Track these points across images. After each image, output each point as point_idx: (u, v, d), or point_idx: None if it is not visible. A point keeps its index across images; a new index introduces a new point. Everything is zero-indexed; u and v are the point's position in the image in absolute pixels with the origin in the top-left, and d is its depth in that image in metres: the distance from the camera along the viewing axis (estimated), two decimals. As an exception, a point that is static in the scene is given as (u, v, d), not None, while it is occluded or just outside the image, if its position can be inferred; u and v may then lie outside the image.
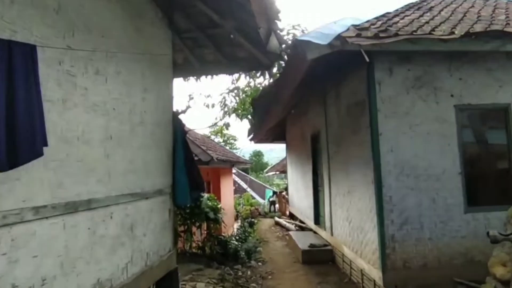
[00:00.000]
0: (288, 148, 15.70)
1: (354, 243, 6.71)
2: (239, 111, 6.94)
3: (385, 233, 5.48)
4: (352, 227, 6.83)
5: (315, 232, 10.18)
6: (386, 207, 5.49)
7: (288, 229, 13.34)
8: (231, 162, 13.60)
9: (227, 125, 9.15)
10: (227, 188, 18.76)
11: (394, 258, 5.48)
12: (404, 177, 5.54)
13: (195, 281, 5.81)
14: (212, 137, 36.34)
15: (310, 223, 10.81)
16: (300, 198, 12.70)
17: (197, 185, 5.22)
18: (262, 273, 7.79)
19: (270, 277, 7.52)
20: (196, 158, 9.46)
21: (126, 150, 3.60)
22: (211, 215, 7.81)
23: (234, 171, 41.48)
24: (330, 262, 8.15)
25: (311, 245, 8.52)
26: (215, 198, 8.54)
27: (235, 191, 35.17)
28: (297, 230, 12.30)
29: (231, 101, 7.57)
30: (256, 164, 59.89)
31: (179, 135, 5.07)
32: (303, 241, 9.17)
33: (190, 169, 5.06)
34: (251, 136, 13.28)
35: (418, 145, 5.54)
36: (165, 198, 4.71)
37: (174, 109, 5.26)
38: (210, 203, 8.03)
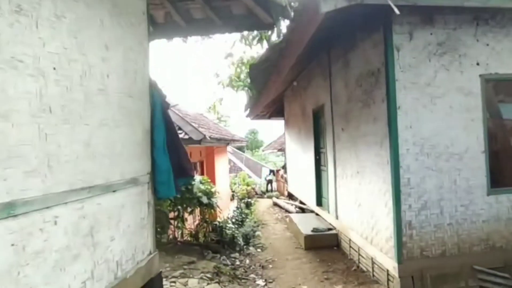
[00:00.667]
0: (286, 125, 15.03)
1: (364, 229, 6.14)
2: (235, 82, 6.16)
3: (402, 220, 4.89)
4: (361, 211, 6.24)
5: (317, 214, 9.64)
6: (403, 191, 4.89)
7: (287, 211, 12.83)
8: (225, 140, 12.94)
9: (220, 100, 8.39)
10: (222, 168, 18.16)
11: (411, 247, 4.91)
12: (424, 157, 4.91)
13: (187, 277, 5.21)
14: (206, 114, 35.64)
15: (312, 204, 10.26)
16: (300, 178, 12.12)
17: (183, 170, 4.32)
18: (261, 262, 7.24)
19: (270, 265, 6.97)
20: (187, 137, 8.80)
21: (78, 127, 2.68)
22: (204, 199, 7.19)
23: (229, 149, 41.09)
24: (335, 247, 7.61)
25: (314, 229, 7.96)
26: (209, 181, 7.89)
27: (231, 170, 34.73)
28: (297, 211, 11.77)
29: (226, 70, 6.80)
30: (252, 142, 59.39)
31: (158, 108, 4.12)
32: (305, 224, 8.61)
33: (174, 151, 4.15)
34: (248, 111, 12.55)
35: (440, 121, 4.89)
36: (142, 189, 3.81)
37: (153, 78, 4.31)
38: (203, 187, 7.40)
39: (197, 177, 7.66)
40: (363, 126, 6.00)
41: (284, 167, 17.62)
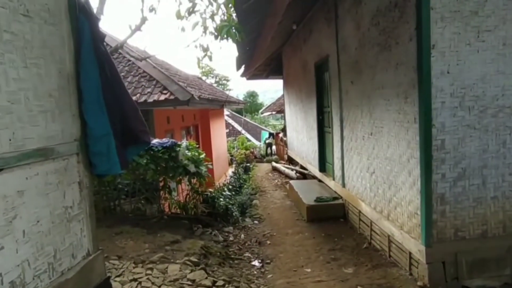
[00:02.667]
0: (285, 84, 13.78)
1: (378, 201, 5.12)
2: (220, 25, 4.90)
3: (433, 192, 3.84)
4: (375, 180, 5.20)
5: (320, 181, 8.63)
6: (435, 156, 3.81)
7: (287, 176, 11.85)
8: (219, 101, 11.75)
9: (209, 56, 7.10)
10: (218, 131, 17.09)
11: (442, 226, 3.90)
12: (464, 112, 3.79)
13: (167, 262, 4.23)
14: (204, 78, 33.96)
15: (314, 170, 9.23)
16: (301, 141, 11.04)
17: (133, 136, 3.07)
18: (258, 236, 6.29)
19: (268, 241, 6.02)
20: (172, 97, 7.66)
21: None
22: (192, 168, 6.12)
23: (227, 113, 40.01)
24: (342, 219, 6.64)
25: (318, 199, 6.96)
26: (197, 146, 6.79)
27: (229, 134, 33.90)
28: (298, 177, 10.77)
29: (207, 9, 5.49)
30: (251, 105, 58.04)
31: (87, 41, 2.84)
32: (307, 193, 7.62)
33: (117, 107, 2.90)
34: (242, 69, 11.26)
35: (488, 63, 3.71)
36: (64, 164, 2.67)
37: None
38: (189, 153, 6.31)
39: (183, 143, 6.57)
40: (380, 76, 4.84)
41: (283, 130, 16.52)
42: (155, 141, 6.28)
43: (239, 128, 36.18)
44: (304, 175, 10.64)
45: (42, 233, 2.39)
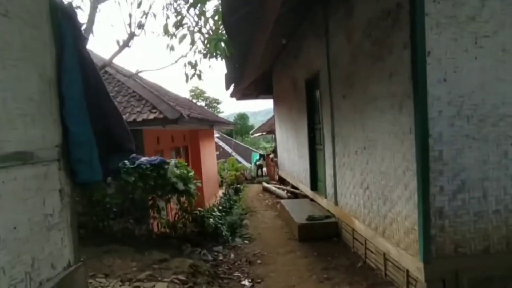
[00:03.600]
0: (276, 103, 13.69)
1: (373, 217, 4.90)
2: (208, 40, 4.78)
3: (430, 206, 3.65)
4: (369, 195, 5.00)
5: (312, 200, 8.40)
6: (433, 168, 3.64)
7: (278, 196, 11.61)
8: (209, 121, 11.55)
9: (199, 75, 6.98)
10: (208, 153, 16.85)
11: (441, 241, 3.69)
12: (463, 121, 3.65)
13: (154, 280, 3.94)
14: (195, 101, 33.90)
15: (305, 189, 9.01)
16: (292, 160, 10.85)
17: (117, 143, 2.91)
18: (249, 256, 5.99)
19: (259, 261, 5.73)
20: (161, 116, 7.46)
21: None
22: (180, 186, 5.87)
23: (217, 135, 39.85)
24: (335, 238, 6.39)
25: (310, 217, 6.72)
26: (185, 164, 6.56)
27: (220, 156, 33.57)
28: (289, 197, 10.54)
29: (193, 23, 5.37)
30: (241, 128, 58.03)
31: (69, 46, 2.73)
32: (298, 211, 7.37)
33: (100, 113, 2.76)
34: (232, 89, 11.15)
35: (487, 70, 3.60)
36: (45, 170, 2.51)
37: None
38: (178, 171, 6.07)
39: (172, 160, 6.34)
40: (373, 88, 4.71)
41: (274, 151, 16.37)
42: (143, 159, 6.05)
43: (229, 150, 35.93)
44: (295, 195, 10.41)
45: (19, 240, 2.21)
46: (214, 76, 10.08)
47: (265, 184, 13.91)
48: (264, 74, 13.13)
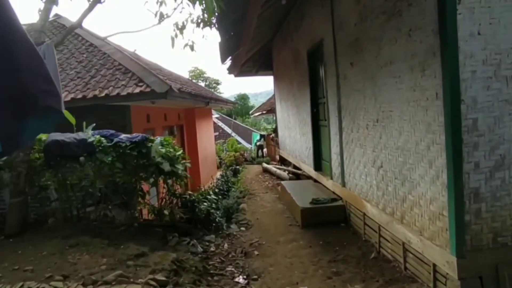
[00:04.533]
0: (276, 79, 12.93)
1: (388, 200, 4.25)
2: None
3: (464, 186, 2.98)
4: (384, 175, 4.33)
5: (315, 181, 7.76)
6: (466, 140, 2.97)
7: (279, 177, 10.97)
8: (203, 98, 10.77)
9: (191, 46, 6.25)
10: (205, 133, 16.17)
11: (478, 230, 3.04)
12: (501, 83, 2.97)
13: (124, 283, 3.30)
14: (194, 81, 32.86)
15: (308, 169, 8.36)
16: (293, 139, 10.17)
17: (32, 100, 1.90)
18: (245, 246, 5.37)
19: (256, 252, 5.10)
20: (148, 90, 6.75)
21: None
22: (166, 166, 5.19)
23: (217, 115, 39.08)
24: (342, 223, 5.77)
25: (314, 201, 6.08)
26: (172, 142, 5.86)
27: (219, 137, 33.00)
28: (290, 178, 9.90)
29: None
30: (242, 108, 57.08)
31: None
32: (301, 194, 6.74)
33: (3, 54, 1.79)
34: (229, 63, 10.37)
35: (534, 18, 2.89)
36: None
37: None
38: (163, 150, 5.39)
39: (157, 138, 5.65)
40: (387, 50, 3.99)
41: (275, 130, 15.66)
42: (122, 136, 5.36)
43: (229, 130, 35.23)
44: (297, 176, 9.77)
45: None
46: (213, 56, 9.40)
47: (265, 165, 13.27)
48: (264, 49, 12.37)
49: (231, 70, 13.17)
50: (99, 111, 7.44)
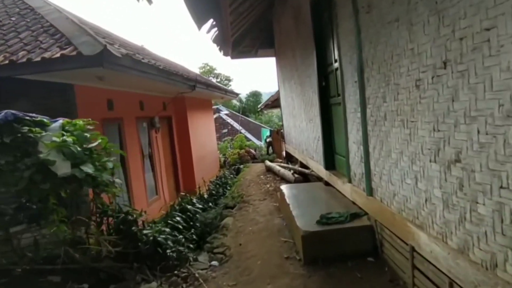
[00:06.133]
0: (278, 57, 10.54)
1: (476, 233, 1.93)
2: None
3: None
4: (464, 177, 2.01)
5: (327, 184, 5.46)
6: None
7: (283, 178, 8.69)
8: (181, 78, 8.26)
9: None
10: (203, 127, 13.98)
11: None
12: None
13: None
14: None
15: (317, 167, 6.05)
16: (299, 128, 7.85)
17: None
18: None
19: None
20: (73, 53, 4.59)
21: None
22: (63, 168, 2.99)
23: (226, 111, 36.99)
24: (371, 257, 3.47)
25: (324, 218, 3.78)
26: (83, 127, 3.63)
27: (228, 134, 30.90)
28: (296, 179, 7.60)
29: None
30: (254, 105, 54.81)
31: None
32: (304, 206, 4.47)
33: None
34: (219, 39, 8.04)
35: None
36: None
37: None
38: (68, 140, 3.17)
39: (58, 121, 3.44)
40: None
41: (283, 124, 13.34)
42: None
43: (238, 127, 33.05)
44: (305, 176, 7.48)
45: None
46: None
47: (268, 163, 10.95)
48: (263, 22, 10.13)
49: (225, 51, 10.81)
50: (32, 94, 5.41)
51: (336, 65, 4.67)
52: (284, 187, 5.84)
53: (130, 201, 7.60)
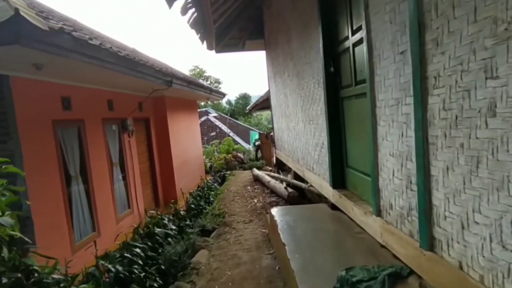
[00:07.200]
0: (268, 48, 8.99)
1: None
2: None
3: None
4: None
5: (334, 208, 3.95)
6: None
7: (273, 191, 7.17)
8: (152, 70, 6.63)
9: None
10: (186, 130, 12.39)
11: None
12: None
13: None
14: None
15: (320, 183, 4.53)
16: (293, 132, 6.32)
17: None
18: None
19: None
20: None
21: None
22: None
23: (215, 114, 35.49)
24: None
25: (346, 280, 2.25)
26: None
27: (216, 137, 29.33)
28: (290, 195, 6.08)
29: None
30: (244, 107, 53.44)
31: None
32: (308, 251, 2.95)
33: None
34: (191, 12, 6.53)
35: None
36: None
37: None
38: None
39: None
40: None
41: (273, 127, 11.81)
42: None
43: (227, 130, 31.51)
44: (300, 191, 5.97)
45: None
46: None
47: (255, 171, 9.40)
48: (251, 10, 8.66)
49: (208, 43, 9.22)
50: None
51: (354, 38, 3.19)
52: (275, 211, 4.30)
53: (92, 218, 6.06)
